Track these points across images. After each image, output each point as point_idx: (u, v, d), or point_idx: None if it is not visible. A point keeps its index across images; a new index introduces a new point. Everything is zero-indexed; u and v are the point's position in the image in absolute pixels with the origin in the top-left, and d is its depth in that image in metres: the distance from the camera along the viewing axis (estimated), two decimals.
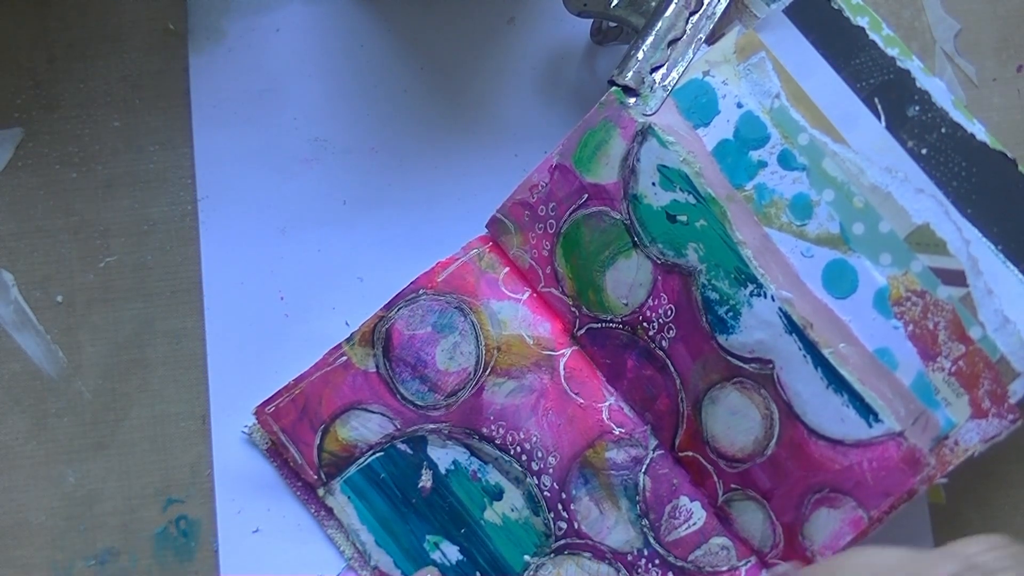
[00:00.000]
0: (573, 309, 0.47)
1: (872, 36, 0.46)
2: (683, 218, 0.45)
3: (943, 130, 0.45)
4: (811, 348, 0.44)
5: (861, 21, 0.46)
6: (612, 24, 0.48)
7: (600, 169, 0.46)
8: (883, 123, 0.46)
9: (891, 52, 0.46)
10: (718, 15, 0.47)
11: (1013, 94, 0.50)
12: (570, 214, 0.46)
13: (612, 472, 0.45)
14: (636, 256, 0.45)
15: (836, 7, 0.46)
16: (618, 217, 0.46)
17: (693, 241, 0.45)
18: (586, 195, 0.46)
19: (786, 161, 0.45)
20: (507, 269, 0.47)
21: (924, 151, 0.45)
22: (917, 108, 0.46)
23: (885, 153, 0.45)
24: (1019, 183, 0.45)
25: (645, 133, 0.45)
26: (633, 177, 0.45)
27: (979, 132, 0.45)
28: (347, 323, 0.48)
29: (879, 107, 0.46)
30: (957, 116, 0.45)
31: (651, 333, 0.45)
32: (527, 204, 0.47)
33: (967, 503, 0.48)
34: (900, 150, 0.45)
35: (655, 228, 0.45)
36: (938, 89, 0.46)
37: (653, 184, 0.45)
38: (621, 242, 0.46)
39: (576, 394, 0.46)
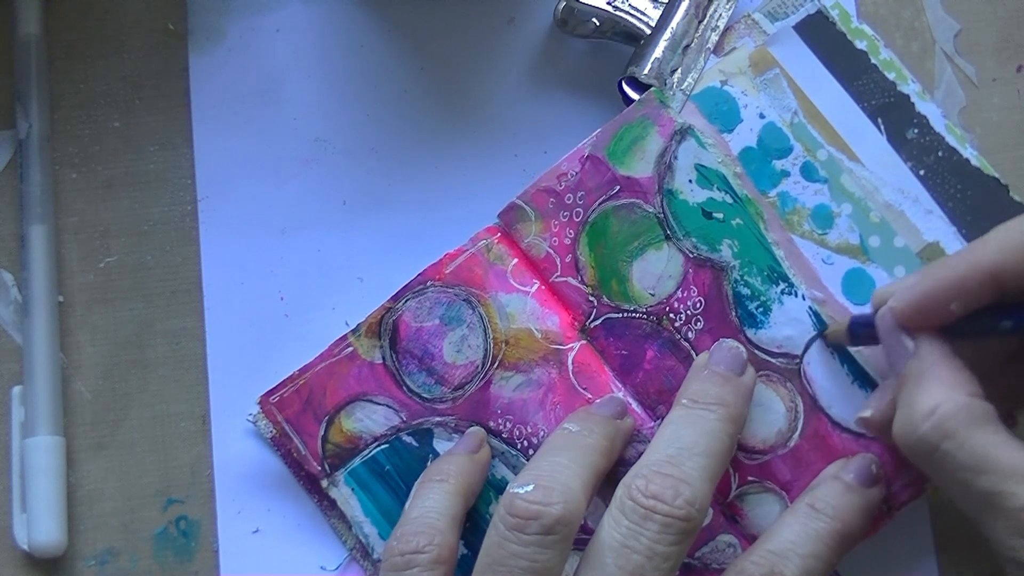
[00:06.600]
0: (591, 299, 0.47)
1: (872, 59, 0.48)
2: (719, 215, 0.46)
3: (940, 153, 0.47)
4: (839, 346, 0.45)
5: (860, 44, 0.48)
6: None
7: (635, 163, 0.47)
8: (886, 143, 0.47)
9: (890, 76, 0.47)
10: (721, 28, 0.48)
11: (1013, 94, 0.50)
12: (599, 204, 0.47)
13: (619, 467, 0.45)
14: (668, 248, 0.46)
15: (841, 30, 0.48)
16: (651, 210, 0.46)
17: (728, 238, 0.46)
18: (618, 187, 0.47)
19: (808, 173, 0.47)
20: (516, 261, 0.47)
21: (923, 172, 0.47)
22: (916, 131, 0.47)
23: (893, 170, 0.47)
24: (1011, 208, 0.46)
25: (684, 133, 0.46)
26: (669, 173, 0.46)
27: (972, 158, 0.47)
28: (347, 323, 0.48)
29: (882, 128, 0.47)
30: (952, 141, 0.47)
31: (677, 324, 0.46)
32: (553, 191, 0.47)
33: None
34: (906, 170, 0.47)
35: (689, 223, 0.46)
36: (934, 114, 0.47)
37: (690, 181, 0.46)
38: (652, 234, 0.46)
39: (584, 389, 0.46)
